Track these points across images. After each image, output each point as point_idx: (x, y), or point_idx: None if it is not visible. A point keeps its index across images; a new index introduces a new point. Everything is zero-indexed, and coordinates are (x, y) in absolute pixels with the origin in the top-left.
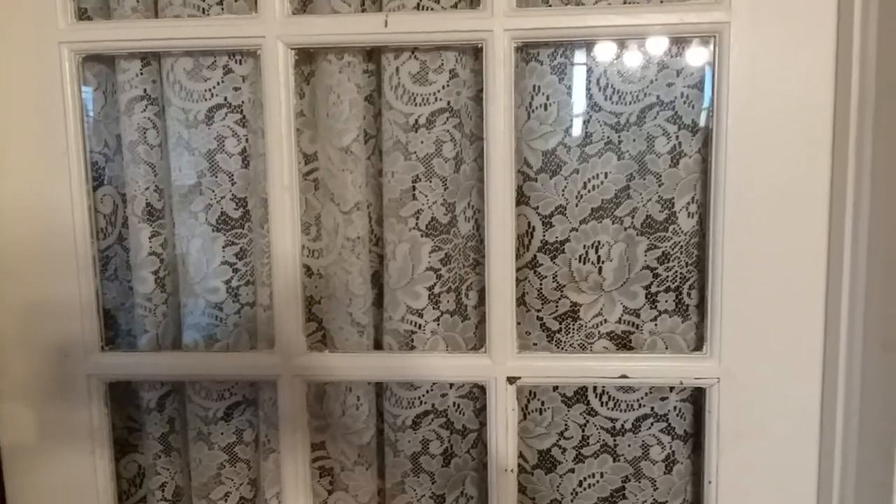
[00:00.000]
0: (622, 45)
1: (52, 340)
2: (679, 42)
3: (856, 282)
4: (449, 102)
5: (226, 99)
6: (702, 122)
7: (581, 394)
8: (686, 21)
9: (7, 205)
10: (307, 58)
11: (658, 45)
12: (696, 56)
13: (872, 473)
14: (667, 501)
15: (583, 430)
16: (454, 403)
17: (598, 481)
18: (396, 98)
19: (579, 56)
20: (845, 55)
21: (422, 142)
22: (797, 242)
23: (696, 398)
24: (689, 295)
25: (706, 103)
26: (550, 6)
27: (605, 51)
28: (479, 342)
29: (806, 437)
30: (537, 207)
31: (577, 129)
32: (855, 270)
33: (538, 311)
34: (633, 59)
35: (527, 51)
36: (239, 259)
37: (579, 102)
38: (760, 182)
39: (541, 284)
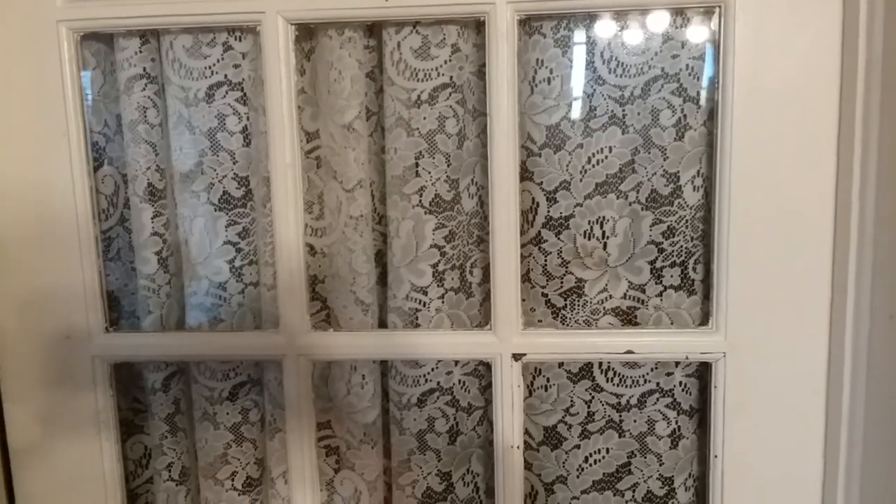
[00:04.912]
0: (626, 16)
1: (56, 323)
2: (684, 13)
3: (863, 253)
4: (451, 77)
5: (226, 76)
6: (707, 95)
7: (586, 370)
8: None
9: (7, 188)
10: (307, 33)
11: (662, 17)
12: (701, 27)
13: (879, 446)
14: (672, 476)
15: (588, 406)
16: (459, 381)
17: (603, 457)
18: (398, 74)
19: (583, 29)
20: (852, 25)
21: (424, 118)
22: (804, 215)
23: (702, 373)
24: (694, 269)
25: (711, 75)
26: None
27: (608, 23)
28: (483, 319)
29: (812, 410)
30: (541, 183)
31: (580, 103)
32: (862, 242)
33: (543, 287)
34: (637, 31)
35: (529, 24)
36: (242, 239)
37: (583, 76)
38: (766, 154)
39: (545, 261)
